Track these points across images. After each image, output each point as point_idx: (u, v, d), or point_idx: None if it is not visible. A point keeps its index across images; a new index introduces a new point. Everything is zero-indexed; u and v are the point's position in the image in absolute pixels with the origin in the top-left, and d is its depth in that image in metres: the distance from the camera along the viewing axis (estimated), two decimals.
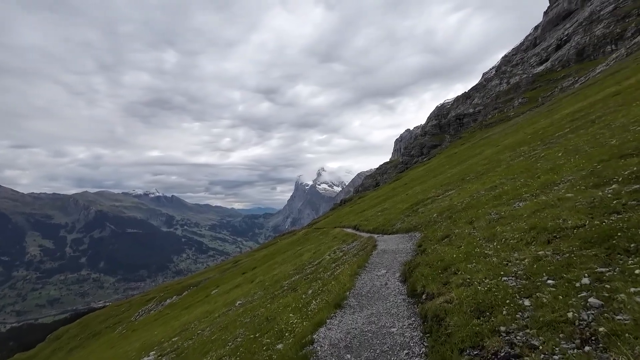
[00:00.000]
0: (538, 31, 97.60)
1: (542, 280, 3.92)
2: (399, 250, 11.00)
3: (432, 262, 6.96)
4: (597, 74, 47.10)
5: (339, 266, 12.04)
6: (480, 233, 7.43)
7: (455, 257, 6.35)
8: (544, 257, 4.49)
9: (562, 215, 5.70)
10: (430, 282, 5.79)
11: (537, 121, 32.25)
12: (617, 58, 47.40)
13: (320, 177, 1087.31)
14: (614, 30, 57.24)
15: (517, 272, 4.44)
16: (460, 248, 6.97)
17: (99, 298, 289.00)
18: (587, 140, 12.86)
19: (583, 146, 12.08)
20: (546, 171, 10.80)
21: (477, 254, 5.99)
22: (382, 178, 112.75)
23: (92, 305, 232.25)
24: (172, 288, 64.14)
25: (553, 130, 20.02)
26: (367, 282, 8.04)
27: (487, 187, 13.49)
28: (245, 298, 18.75)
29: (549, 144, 16.77)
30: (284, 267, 22.24)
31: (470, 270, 5.25)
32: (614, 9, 63.27)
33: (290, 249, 37.32)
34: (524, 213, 7.17)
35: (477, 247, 6.46)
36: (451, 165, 38.23)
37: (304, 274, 14.89)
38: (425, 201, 18.81)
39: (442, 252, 7.40)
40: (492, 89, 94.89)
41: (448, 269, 5.97)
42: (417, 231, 13.16)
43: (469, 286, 4.62)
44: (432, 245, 8.96)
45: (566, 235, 4.83)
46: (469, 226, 8.72)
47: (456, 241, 7.84)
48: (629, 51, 46.10)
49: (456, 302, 4.30)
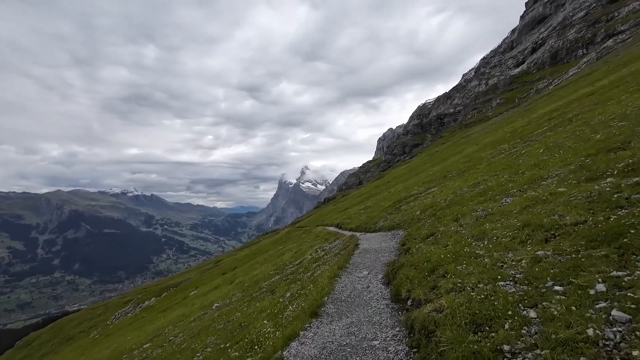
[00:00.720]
0: (515, 34, 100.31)
1: (546, 286, 3.39)
2: (381, 249, 10.56)
3: (417, 263, 6.46)
4: (570, 76, 48.56)
5: (320, 267, 11.55)
6: (468, 231, 7.02)
7: (443, 257, 5.86)
8: (544, 258, 3.98)
9: (557, 210, 5.25)
10: (417, 286, 5.26)
11: (515, 120, 32.87)
12: (588, 62, 49.00)
13: (304, 175, 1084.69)
14: (585, 35, 59.25)
15: (515, 275, 3.91)
16: (447, 247, 6.49)
17: (74, 301, 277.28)
18: (567, 137, 12.86)
19: (565, 142, 12.02)
20: (530, 167, 10.61)
21: (467, 254, 5.51)
22: (366, 176, 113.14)
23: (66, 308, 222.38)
24: (150, 289, 62.02)
25: (532, 128, 20.23)
26: (347, 285, 7.47)
27: (470, 183, 13.37)
28: (223, 300, 18.02)
29: (528, 141, 16.87)
30: (264, 267, 21.58)
31: (460, 273, 4.74)
32: (585, 15, 65.60)
33: (272, 248, 36.54)
34: (514, 209, 6.81)
35: (467, 246, 5.99)
36: (433, 163, 38.57)
37: (284, 275, 14.35)
38: (408, 199, 18.62)
39: (427, 251, 6.94)
40: (471, 89, 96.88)
41: (435, 271, 5.46)
42: (400, 229, 12.79)
43: (461, 292, 4.06)
44: (416, 243, 8.52)
45: (566, 233, 4.34)
46: (455, 223, 8.33)
47: (442, 239, 7.42)
48: (599, 55, 47.72)
49: (447, 311, 3.71)
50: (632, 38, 42.34)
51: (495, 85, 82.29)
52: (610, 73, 25.69)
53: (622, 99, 14.37)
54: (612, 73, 25.17)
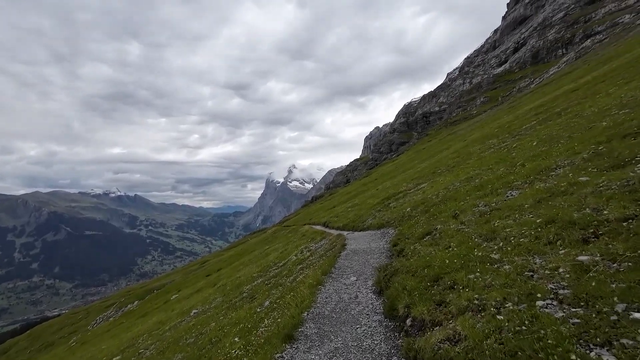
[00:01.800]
0: (497, 34, 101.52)
1: (615, 310, 2.33)
2: (370, 249, 9.73)
3: (415, 268, 5.48)
4: (551, 75, 48.97)
5: (303, 270, 10.70)
6: (472, 229, 6.10)
7: (447, 262, 4.84)
8: (592, 265, 2.96)
9: (587, 203, 4.29)
10: (417, 299, 4.22)
11: (501, 117, 32.82)
12: (568, 61, 49.54)
13: (291, 174, 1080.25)
14: (564, 35, 60.06)
15: (557, 291, 2.87)
16: (451, 249, 5.51)
17: (54, 306, 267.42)
18: (561, 129, 12.50)
19: (560, 133, 11.61)
20: (529, 158, 10.03)
21: (478, 258, 4.50)
22: (353, 175, 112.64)
23: (46, 314, 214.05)
24: (134, 292, 59.96)
25: (519, 123, 20.03)
26: (332, 295, 6.44)
27: (462, 178, 12.91)
28: (202, 306, 17.15)
29: (517, 135, 16.62)
30: (248, 269, 20.81)
31: (475, 285, 3.70)
32: (564, 16, 66.60)
33: (258, 248, 35.44)
34: (524, 202, 5.94)
35: (475, 247, 5.00)
36: (420, 160, 38.22)
37: (267, 277, 13.61)
38: (397, 195, 18.08)
39: (426, 254, 6.00)
40: (456, 88, 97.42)
41: (440, 281, 4.43)
42: (390, 227, 12.13)
43: (481, 313, 3.00)
44: (411, 244, 7.64)
45: (613, 232, 3.36)
46: (455, 220, 7.46)
47: (443, 239, 6.49)
48: (578, 55, 48.27)
49: (467, 343, 2.63)
50: (608, 38, 42.84)
51: (479, 84, 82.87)
52: (592, 70, 25.97)
53: (611, 92, 14.44)
54: (593, 70, 25.42)
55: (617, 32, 42.74)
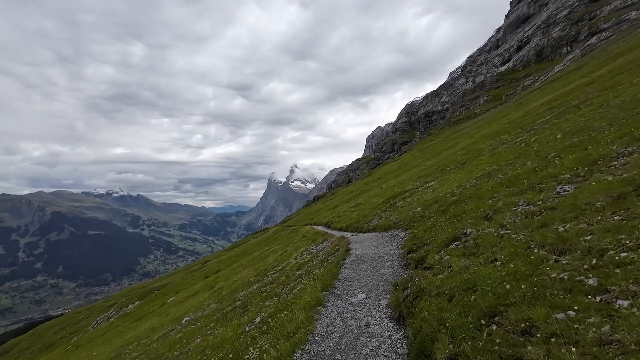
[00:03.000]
0: (500, 33, 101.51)
1: None
2: (379, 256, 8.85)
3: (450, 290, 4.31)
4: (556, 72, 49.13)
5: (302, 277, 10.20)
6: (524, 236, 4.98)
7: (506, 286, 3.62)
8: None
9: None
10: (469, 349, 3.00)
11: (508, 114, 32.37)
12: (573, 59, 49.69)
13: (293, 174, 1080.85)
14: (569, 33, 60.12)
15: None
16: (502, 264, 4.35)
17: (58, 305, 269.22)
18: (588, 120, 11.72)
19: (589, 124, 10.75)
20: (563, 150, 9.03)
21: (559, 283, 3.31)
22: (355, 174, 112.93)
23: (49, 313, 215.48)
24: (135, 292, 60.57)
25: (531, 118, 19.51)
26: (335, 322, 5.35)
27: (478, 175, 12.23)
28: (195, 312, 17.00)
29: (532, 130, 16.09)
30: (246, 272, 20.65)
31: (577, 334, 2.55)
32: (569, 14, 66.59)
33: (258, 249, 35.68)
34: (594, 200, 5.01)
35: (542, 264, 3.86)
36: (425, 158, 37.86)
37: (264, 283, 13.28)
38: (404, 194, 17.71)
39: (461, 268, 4.86)
40: (458, 87, 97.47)
41: (501, 317, 3.25)
42: (399, 229, 11.26)
43: None
44: (434, 252, 6.64)
45: None
46: (488, 223, 6.50)
47: (481, 249, 5.39)
48: (583, 52, 48.39)
49: None
50: (615, 35, 42.96)
51: (482, 83, 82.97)
52: (603, 65, 25.33)
53: (635, 83, 14.17)
54: (604, 65, 24.83)
55: (624, 29, 42.81)
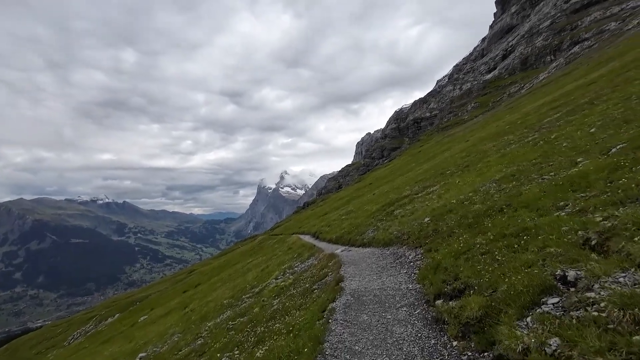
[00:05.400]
0: (485, 43, 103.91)
1: None
2: (387, 295, 6.10)
3: None
4: (541, 79, 50.07)
5: (276, 318, 8.20)
6: None
7: None
8: None
9: None
10: None
11: (502, 117, 32.10)
12: (558, 66, 50.82)
13: (283, 180, 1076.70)
14: (552, 42, 61.72)
15: None
16: None
17: (38, 317, 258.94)
18: (625, 111, 10.16)
19: (627, 115, 9.35)
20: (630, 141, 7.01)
21: None
22: (345, 180, 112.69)
23: (28, 325, 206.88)
24: (117, 304, 58.54)
25: (535, 119, 18.81)
26: None
27: (496, 177, 10.42)
28: (154, 346, 15.72)
29: (542, 129, 14.82)
30: (222, 292, 19.34)
31: None
32: (551, 24, 68.52)
33: (241, 260, 34.49)
34: None
35: None
36: (418, 162, 37.21)
37: (234, 313, 11.78)
38: (401, 201, 16.13)
39: None
40: (446, 94, 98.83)
41: None
42: (405, 245, 9.22)
43: None
44: (508, 318, 3.57)
45: None
46: (601, 258, 3.69)
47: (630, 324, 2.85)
48: (567, 60, 49.54)
49: None
50: (597, 44, 44.05)
51: (469, 90, 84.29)
52: (596, 69, 25.40)
53: None
54: (597, 69, 24.87)
55: (606, 38, 44.06)
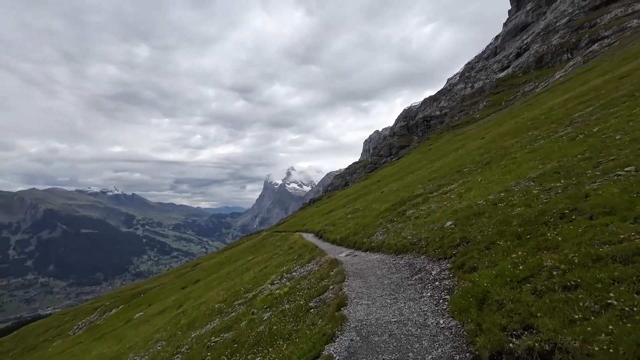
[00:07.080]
0: (498, 41, 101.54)
1: None
2: (408, 339, 4.69)
3: None
4: (557, 78, 48.43)
5: (261, 343, 7.23)
6: None
7: None
8: None
9: None
10: None
11: (520, 114, 30.77)
12: (575, 65, 49.11)
13: (289, 176, 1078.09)
14: (569, 40, 59.75)
15: None
16: None
17: (47, 304, 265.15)
18: None
19: None
20: None
21: None
22: (352, 178, 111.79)
23: (39, 312, 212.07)
24: (122, 295, 59.21)
25: (561, 113, 17.57)
26: None
27: (533, 174, 8.97)
28: (137, 352, 15.10)
29: (575, 123, 13.55)
30: (216, 292, 18.62)
31: None
32: (568, 21, 66.38)
33: (242, 257, 33.97)
34: None
35: None
36: (429, 160, 35.76)
37: (222, 324, 10.89)
38: (413, 200, 14.79)
39: None
40: (457, 92, 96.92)
41: None
42: (423, 254, 7.89)
43: None
44: None
45: None
46: None
47: None
48: (586, 58, 47.79)
49: None
50: (619, 42, 42.33)
51: (481, 88, 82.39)
52: (624, 64, 24.20)
53: None
54: (625, 64, 23.66)
55: (628, 35, 42.40)
